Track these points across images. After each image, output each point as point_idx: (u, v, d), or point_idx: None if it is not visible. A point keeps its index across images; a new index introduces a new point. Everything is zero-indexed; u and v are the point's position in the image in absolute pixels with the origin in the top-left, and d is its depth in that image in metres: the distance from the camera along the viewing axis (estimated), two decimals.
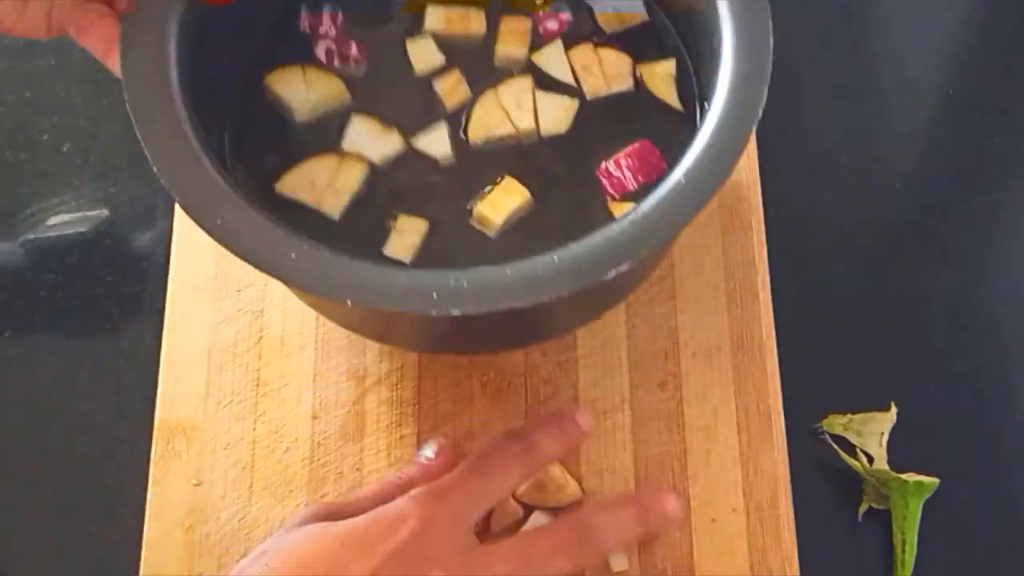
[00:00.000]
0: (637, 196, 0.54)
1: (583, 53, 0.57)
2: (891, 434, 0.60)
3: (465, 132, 0.55)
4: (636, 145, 0.55)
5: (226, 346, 0.61)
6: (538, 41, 0.58)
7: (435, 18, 0.58)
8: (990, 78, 0.72)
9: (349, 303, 0.43)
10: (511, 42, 0.57)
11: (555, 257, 0.44)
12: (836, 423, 0.60)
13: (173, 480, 0.58)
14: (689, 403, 0.59)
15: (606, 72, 0.57)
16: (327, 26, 0.58)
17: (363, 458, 0.58)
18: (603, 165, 0.55)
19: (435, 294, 0.43)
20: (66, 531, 0.60)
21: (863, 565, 0.58)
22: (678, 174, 0.46)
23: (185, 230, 0.64)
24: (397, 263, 0.52)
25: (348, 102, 0.56)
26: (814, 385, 0.61)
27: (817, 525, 0.58)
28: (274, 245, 0.44)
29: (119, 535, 0.58)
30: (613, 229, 0.45)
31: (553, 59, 0.57)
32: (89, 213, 0.68)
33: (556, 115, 0.56)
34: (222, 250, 0.44)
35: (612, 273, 0.43)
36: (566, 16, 0.58)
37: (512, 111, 0.55)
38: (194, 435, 0.59)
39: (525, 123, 0.55)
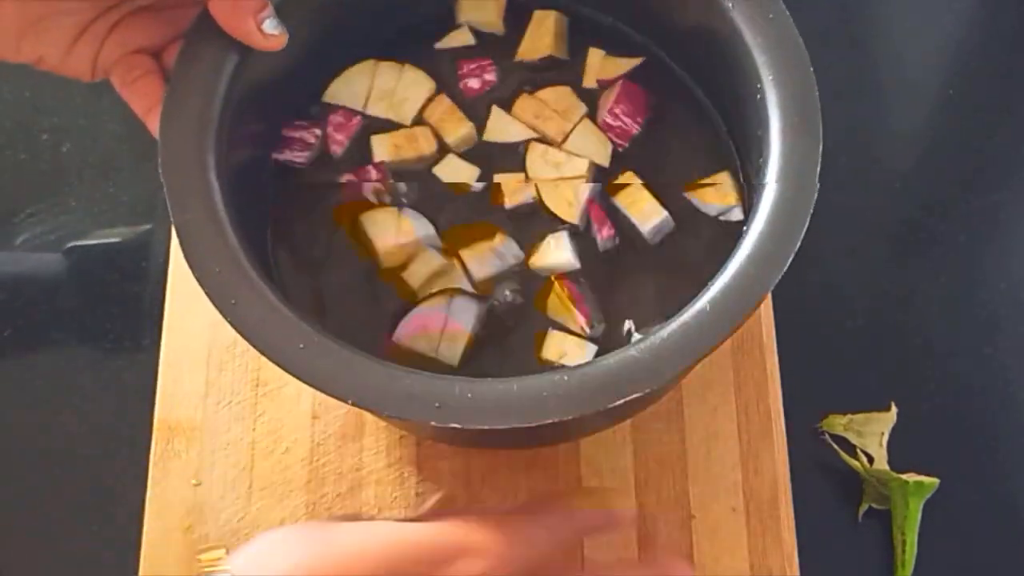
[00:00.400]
0: (644, 140, 0.55)
1: (525, 104, 0.56)
2: (891, 434, 0.60)
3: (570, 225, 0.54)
4: (619, 89, 0.55)
5: (226, 346, 0.61)
6: (476, 112, 0.56)
7: (383, 148, 0.55)
8: (990, 78, 0.72)
9: (350, 402, 0.42)
10: (450, 130, 0.55)
11: (565, 377, 0.42)
12: (836, 423, 0.60)
13: (173, 480, 0.58)
14: (689, 403, 0.59)
15: (558, 111, 0.56)
16: (311, 140, 0.55)
17: (363, 458, 0.58)
18: (599, 120, 0.55)
19: (438, 404, 0.41)
20: (66, 531, 0.60)
21: (863, 565, 0.58)
22: (704, 300, 0.44)
23: None
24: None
25: (442, 265, 0.53)
26: (814, 385, 0.61)
27: (817, 525, 0.58)
28: (284, 334, 0.43)
29: (119, 535, 0.58)
30: (629, 354, 0.42)
31: (501, 127, 0.55)
32: (89, 213, 0.68)
33: (596, 150, 0.55)
34: None
35: (620, 402, 0.42)
36: (490, 77, 0.56)
37: (558, 171, 0.54)
38: (194, 435, 0.59)
39: (577, 168, 0.54)
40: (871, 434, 0.60)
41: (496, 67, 0.57)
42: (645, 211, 0.53)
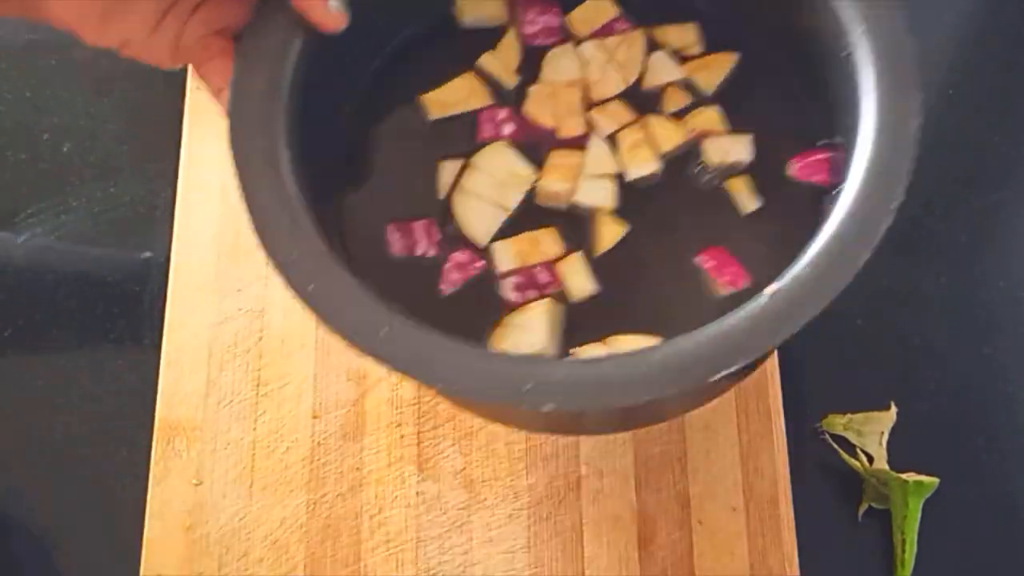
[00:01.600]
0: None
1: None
2: (891, 434, 0.60)
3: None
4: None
5: (226, 346, 0.61)
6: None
7: (507, 256, 0.50)
8: (991, 77, 0.72)
9: (439, 388, 0.41)
10: (556, 176, 0.51)
11: (660, 353, 0.40)
12: (836, 423, 0.60)
13: (173, 480, 0.58)
14: None
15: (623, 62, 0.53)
16: (424, 244, 0.51)
17: (363, 458, 0.58)
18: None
19: (530, 385, 0.39)
20: (66, 531, 0.60)
21: (863, 565, 0.58)
22: (805, 260, 0.42)
23: (185, 230, 0.64)
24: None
25: None
26: (814, 385, 0.61)
27: (817, 525, 0.58)
28: (365, 319, 0.41)
29: (119, 535, 0.58)
30: (726, 322, 0.40)
31: (599, 158, 0.52)
32: (89, 213, 0.68)
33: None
34: (222, 249, 0.44)
35: (720, 375, 0.39)
36: (505, 113, 0.53)
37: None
38: (194, 435, 0.59)
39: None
40: (871, 434, 0.60)
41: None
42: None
